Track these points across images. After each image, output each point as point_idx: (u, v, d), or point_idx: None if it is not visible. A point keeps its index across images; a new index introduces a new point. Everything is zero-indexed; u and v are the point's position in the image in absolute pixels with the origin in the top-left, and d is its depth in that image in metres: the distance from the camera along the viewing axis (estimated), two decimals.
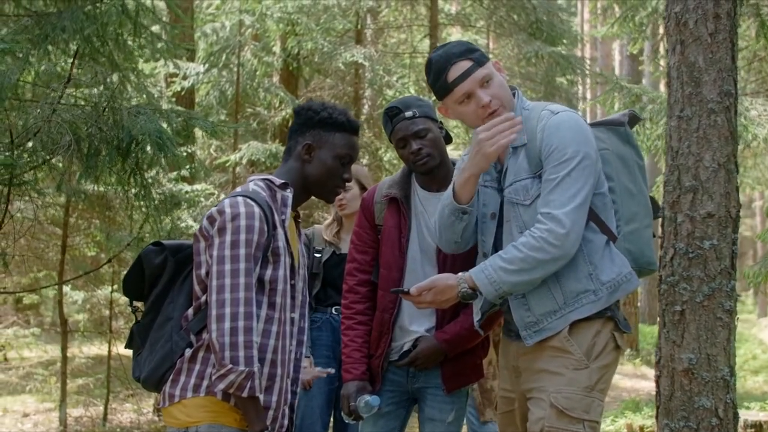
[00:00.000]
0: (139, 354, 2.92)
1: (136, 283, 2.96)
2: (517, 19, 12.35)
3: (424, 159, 3.55)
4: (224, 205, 2.76)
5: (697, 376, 3.54)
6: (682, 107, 3.64)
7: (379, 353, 3.65)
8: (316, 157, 2.94)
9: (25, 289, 10.06)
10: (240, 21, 10.81)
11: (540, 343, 3.08)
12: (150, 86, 10.30)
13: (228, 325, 2.65)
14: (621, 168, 3.21)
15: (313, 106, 2.98)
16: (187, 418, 2.76)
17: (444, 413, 3.67)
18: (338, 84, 13.20)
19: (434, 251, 3.59)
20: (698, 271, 3.57)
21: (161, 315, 2.88)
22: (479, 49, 3.13)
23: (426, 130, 3.56)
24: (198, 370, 2.78)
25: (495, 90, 3.08)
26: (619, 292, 3.06)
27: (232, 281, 2.68)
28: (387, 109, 3.63)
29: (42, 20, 5.22)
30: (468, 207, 3.12)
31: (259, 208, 2.76)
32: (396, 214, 3.67)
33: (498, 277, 2.97)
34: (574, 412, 2.99)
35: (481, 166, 3.03)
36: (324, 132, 2.94)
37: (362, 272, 3.74)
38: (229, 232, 2.72)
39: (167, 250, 2.91)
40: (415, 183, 3.70)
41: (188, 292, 2.86)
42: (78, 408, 9.33)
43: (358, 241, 3.77)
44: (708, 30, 3.60)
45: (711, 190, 3.57)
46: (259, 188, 2.86)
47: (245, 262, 2.70)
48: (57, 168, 5.52)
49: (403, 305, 3.62)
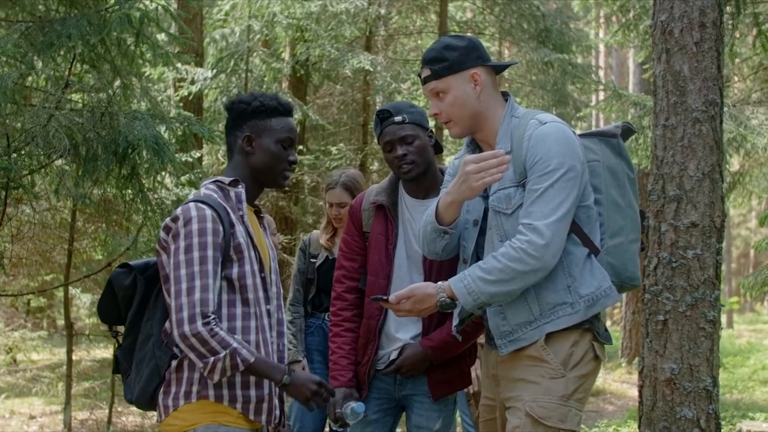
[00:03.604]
0: (128, 376, 2.94)
1: (111, 308, 2.99)
2: (526, 26, 12.35)
3: (407, 166, 3.56)
4: (177, 213, 2.80)
5: (680, 386, 3.52)
6: (668, 116, 3.63)
7: (365, 360, 3.66)
8: (258, 146, 2.95)
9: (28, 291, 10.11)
10: (249, 27, 10.84)
11: (517, 352, 3.07)
12: (158, 91, 10.39)
13: (188, 329, 2.69)
14: (610, 180, 3.20)
15: (243, 98, 3.00)
16: (183, 423, 2.79)
17: (431, 421, 3.67)
18: (348, 90, 13.22)
19: (421, 258, 3.59)
20: (681, 280, 3.55)
21: (141, 334, 2.90)
22: (448, 59, 3.10)
23: (413, 136, 3.56)
24: (186, 377, 2.81)
25: (445, 106, 3.12)
26: (597, 306, 3.05)
27: (188, 285, 2.72)
28: (378, 112, 3.64)
29: (46, 27, 5.27)
30: (450, 228, 3.13)
31: (210, 209, 2.79)
32: (383, 221, 3.68)
33: (476, 287, 2.96)
34: (549, 420, 2.98)
35: (466, 195, 3.04)
36: (259, 120, 2.96)
37: (350, 279, 3.74)
38: (182, 238, 2.76)
39: (135, 270, 2.94)
40: (402, 190, 3.71)
41: (163, 307, 2.87)
42: (83, 411, 9.37)
43: (346, 249, 3.78)
44: (693, 39, 3.59)
45: (695, 199, 3.56)
46: (210, 191, 2.89)
47: (200, 264, 2.73)
48: (55, 172, 5.56)
49: (389, 312, 3.62)
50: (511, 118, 3.13)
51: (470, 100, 3.11)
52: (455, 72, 3.10)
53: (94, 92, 5.37)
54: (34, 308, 13.99)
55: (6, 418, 9.46)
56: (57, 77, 5.38)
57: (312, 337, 5.03)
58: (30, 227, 7.39)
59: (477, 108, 3.11)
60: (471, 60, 3.12)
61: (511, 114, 3.15)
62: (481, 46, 3.19)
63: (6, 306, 12.51)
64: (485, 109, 3.12)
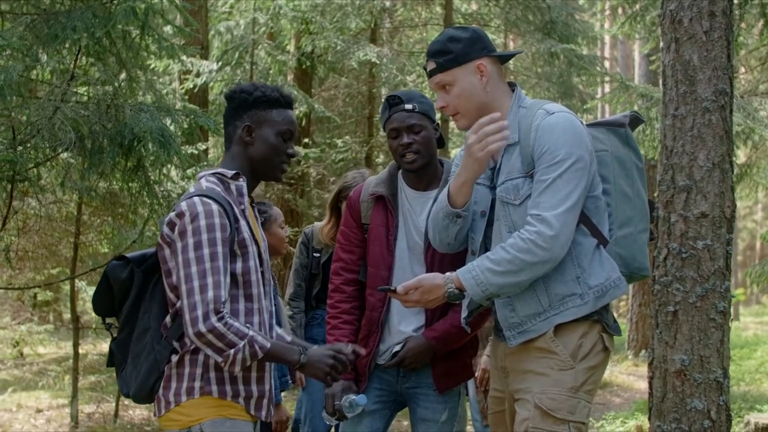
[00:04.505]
0: (123, 369, 2.90)
1: (106, 301, 2.94)
2: (532, 18, 12.30)
3: (412, 155, 3.53)
4: (182, 208, 2.74)
5: (690, 378, 3.50)
6: (677, 106, 3.60)
7: (367, 353, 3.61)
8: (258, 137, 2.90)
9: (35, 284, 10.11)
10: (254, 19, 10.82)
11: (525, 343, 3.06)
12: (163, 84, 10.37)
13: (203, 327, 2.65)
14: (619, 170, 3.18)
15: (245, 88, 2.93)
16: (188, 418, 2.76)
17: (437, 413, 3.65)
18: (353, 83, 13.20)
19: (422, 249, 3.57)
20: (691, 271, 3.52)
21: (138, 327, 2.85)
22: (453, 51, 3.08)
23: (421, 126, 3.54)
24: (188, 373, 2.77)
25: (451, 98, 3.11)
26: (606, 297, 3.03)
27: (200, 282, 2.67)
28: (389, 97, 3.61)
29: (51, 19, 5.25)
30: (462, 211, 3.10)
31: (216, 204, 2.74)
32: (383, 212, 3.65)
33: (485, 278, 2.94)
34: (558, 413, 2.97)
35: (475, 170, 3.02)
36: (260, 111, 2.90)
37: (349, 271, 3.71)
38: (191, 234, 2.70)
39: (132, 262, 2.88)
40: (402, 181, 3.68)
41: (160, 299, 2.84)
42: (90, 404, 9.37)
43: (344, 241, 3.74)
44: (703, 28, 3.55)
45: (705, 189, 3.53)
46: (212, 184, 2.83)
47: (211, 261, 2.69)
48: (61, 165, 5.55)
49: (392, 304, 3.60)
50: (519, 109, 3.11)
51: (477, 91, 3.08)
52: (460, 64, 3.08)
53: (99, 85, 5.35)
54: (41, 302, 14.03)
55: (13, 412, 9.46)
56: (62, 70, 5.37)
57: (319, 328, 5.01)
58: (36, 220, 7.39)
59: (484, 99, 3.09)
60: (476, 51, 3.09)
61: (519, 104, 3.13)
62: (486, 37, 3.16)
63: (12, 300, 12.54)
64: (492, 99, 3.10)
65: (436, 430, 3.65)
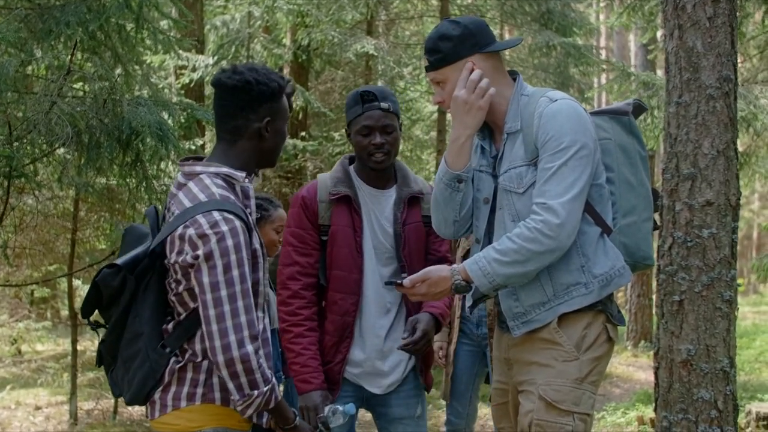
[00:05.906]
0: (112, 370, 2.78)
1: (94, 307, 2.78)
2: (528, 9, 12.26)
3: (382, 156, 3.48)
4: (203, 228, 2.57)
5: (696, 368, 3.47)
6: (681, 93, 3.57)
7: (339, 359, 3.51)
8: (272, 129, 2.76)
9: (32, 281, 10.08)
10: (249, 13, 10.77)
11: (529, 334, 3.03)
12: (159, 79, 10.33)
13: (237, 353, 2.55)
14: (622, 159, 3.15)
15: (260, 79, 2.71)
16: (188, 423, 2.68)
17: (412, 408, 3.61)
18: (349, 76, 13.15)
19: (385, 249, 3.52)
20: (697, 260, 3.50)
21: (128, 331, 2.71)
22: (442, 51, 3.04)
23: (393, 127, 3.50)
24: (190, 378, 2.68)
25: (447, 94, 3.08)
26: (611, 286, 3.00)
27: (231, 306, 2.55)
28: (363, 92, 3.51)
29: (45, 14, 5.21)
30: (464, 174, 3.06)
31: (239, 220, 2.60)
32: (347, 212, 3.53)
33: (491, 269, 2.91)
34: (563, 404, 2.94)
35: (475, 123, 3.01)
36: (275, 102, 2.75)
37: (306, 276, 3.52)
38: (218, 256, 2.55)
39: (124, 269, 2.70)
40: (359, 180, 3.59)
41: (152, 303, 2.70)
42: (89, 401, 9.34)
43: (299, 243, 3.53)
44: (706, 14, 3.52)
45: (710, 177, 3.50)
46: (221, 189, 2.65)
47: (240, 283, 2.56)
48: (58, 160, 5.50)
49: (364, 308, 3.52)
50: (521, 97, 3.08)
51: None
52: (450, 63, 3.04)
53: (96, 79, 5.30)
54: (38, 299, 13.99)
55: (12, 409, 9.43)
56: (58, 65, 5.32)
57: None
58: (33, 217, 7.35)
59: None
60: (466, 49, 3.04)
61: (521, 93, 3.09)
62: (480, 31, 3.08)
63: (10, 297, 12.50)
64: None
65: (414, 425, 3.61)
